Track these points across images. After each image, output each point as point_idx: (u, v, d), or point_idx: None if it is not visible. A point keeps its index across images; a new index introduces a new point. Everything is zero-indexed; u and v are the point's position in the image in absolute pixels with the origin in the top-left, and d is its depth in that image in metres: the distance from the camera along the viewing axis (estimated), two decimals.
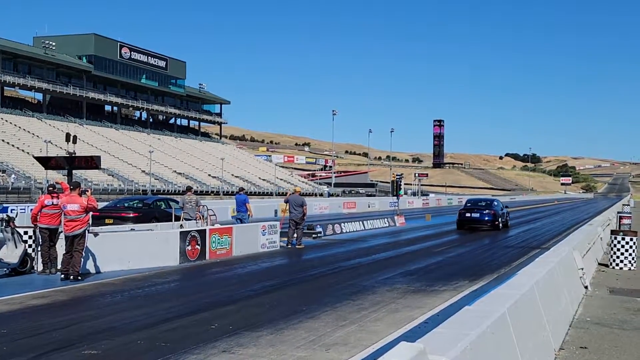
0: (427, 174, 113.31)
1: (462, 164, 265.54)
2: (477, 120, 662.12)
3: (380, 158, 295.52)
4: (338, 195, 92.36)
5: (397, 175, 35.40)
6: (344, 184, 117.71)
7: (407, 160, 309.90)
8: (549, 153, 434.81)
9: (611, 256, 14.68)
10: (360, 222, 27.34)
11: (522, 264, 13.65)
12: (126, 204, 22.36)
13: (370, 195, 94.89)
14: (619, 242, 14.52)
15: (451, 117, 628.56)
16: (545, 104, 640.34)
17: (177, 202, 20.95)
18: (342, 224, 25.65)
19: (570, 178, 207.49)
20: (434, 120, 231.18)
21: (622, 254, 14.47)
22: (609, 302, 10.15)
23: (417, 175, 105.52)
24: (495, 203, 29.79)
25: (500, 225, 28.02)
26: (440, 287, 11.83)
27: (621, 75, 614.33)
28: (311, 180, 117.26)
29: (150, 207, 22.14)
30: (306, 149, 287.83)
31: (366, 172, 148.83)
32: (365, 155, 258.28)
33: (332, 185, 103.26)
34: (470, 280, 12.83)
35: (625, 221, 24.04)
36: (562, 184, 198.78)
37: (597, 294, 10.94)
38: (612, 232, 15.08)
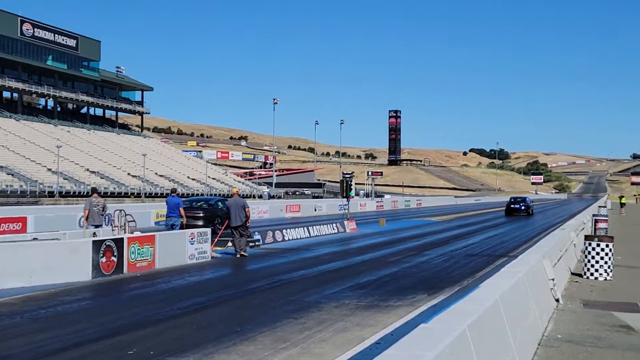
0: (381, 172, 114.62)
1: (421, 161, 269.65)
2: (438, 112, 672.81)
3: (328, 154, 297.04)
4: (280, 197, 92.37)
5: (347, 173, 35.62)
6: (286, 183, 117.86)
7: (359, 157, 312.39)
8: (518, 148, 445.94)
9: (585, 265, 15.14)
10: (305, 229, 27.40)
11: (487, 274, 13.96)
12: (194, 204, 27.49)
13: (317, 197, 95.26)
14: (593, 248, 14.99)
15: (409, 108, 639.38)
16: (514, 95, 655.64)
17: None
18: (284, 231, 25.65)
19: (542, 176, 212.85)
20: (390, 111, 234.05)
21: (597, 262, 14.95)
22: (583, 317, 10.48)
23: (370, 173, 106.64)
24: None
25: None
26: (395, 302, 11.97)
27: (596, 67, 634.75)
28: (249, 179, 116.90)
29: (213, 207, 27.52)
30: (243, 143, 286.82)
31: (312, 170, 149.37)
32: (312, 150, 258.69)
33: (273, 185, 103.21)
34: (428, 293, 13.03)
35: (601, 225, 24.85)
36: (533, 183, 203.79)
37: (570, 307, 11.28)
38: (587, 237, 15.55)
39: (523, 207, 52.46)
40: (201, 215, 26.72)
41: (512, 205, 52.92)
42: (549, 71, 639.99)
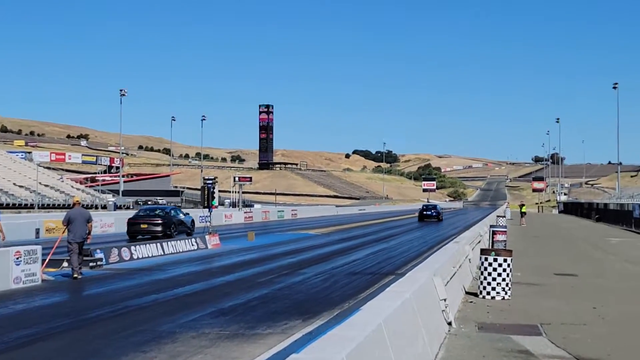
0: (250, 178, 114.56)
1: (297, 165, 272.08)
2: (317, 108, 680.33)
3: (187, 156, 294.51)
4: (129, 208, 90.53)
5: (209, 179, 35.32)
6: (137, 191, 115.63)
7: (224, 159, 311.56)
8: (408, 150, 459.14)
9: (481, 282, 15.74)
10: (159, 245, 27.02)
11: (371, 295, 14.24)
12: (150, 213, 36.57)
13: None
14: (490, 264, 15.60)
15: (284, 103, 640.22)
16: (404, 91, 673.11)
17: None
18: (133, 248, 25.21)
19: (435, 182, 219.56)
20: (260, 106, 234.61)
21: (494, 279, 15.57)
22: (477, 342, 10.88)
23: (237, 179, 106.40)
24: None
25: None
26: (264, 330, 12.03)
27: (492, 66, 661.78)
28: (90, 186, 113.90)
29: (169, 214, 36.08)
30: (83, 143, 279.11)
31: (168, 176, 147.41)
32: (167, 152, 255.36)
33: (121, 193, 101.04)
34: (303, 319, 13.17)
35: (499, 237, 25.92)
36: (425, 190, 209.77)
37: (463, 331, 11.69)
38: (483, 251, 16.17)
39: (434, 214, 67.38)
40: (159, 222, 35.30)
41: (425, 212, 68.13)
42: (441, 67, 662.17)
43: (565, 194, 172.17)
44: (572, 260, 25.86)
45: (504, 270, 15.56)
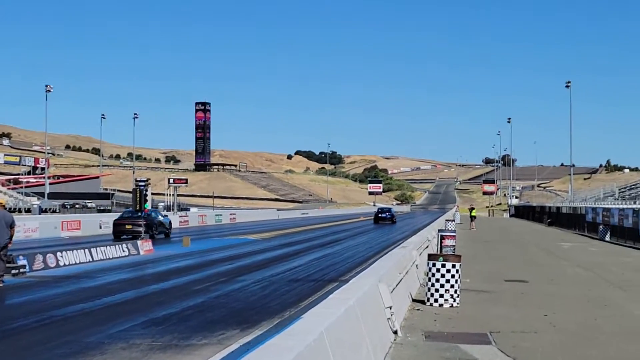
0: (186, 180, 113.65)
1: (236, 166, 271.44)
2: (257, 106, 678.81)
3: (119, 157, 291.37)
4: (55, 211, 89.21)
5: (141, 180, 35.06)
6: (64, 194, 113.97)
7: (158, 160, 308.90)
8: (353, 151, 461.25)
9: (429, 289, 15.90)
10: (87, 251, 26.67)
11: (313, 303, 14.29)
12: (134, 215, 42.10)
13: (103, 211, 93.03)
14: (438, 270, 15.77)
15: (222, 101, 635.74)
16: (349, 89, 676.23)
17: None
18: (59, 254, 24.87)
19: (381, 185, 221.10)
20: (197, 104, 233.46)
21: (442, 285, 15.74)
22: (424, 352, 10.99)
23: (172, 181, 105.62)
24: None
25: None
26: (199, 341, 12.01)
27: (443, 62, 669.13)
28: (13, 188, 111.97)
29: (151, 216, 41.76)
30: (5, 142, 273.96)
31: (97, 177, 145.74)
32: (97, 152, 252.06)
33: (46, 196, 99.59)
34: (241, 328, 13.19)
35: (447, 242, 26.21)
36: (371, 193, 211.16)
37: (410, 340, 11.79)
38: (430, 256, 16.34)
39: (389, 216, 76.37)
40: (142, 223, 40.29)
41: (380, 215, 77.07)
42: (389, 64, 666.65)
43: (516, 197, 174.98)
44: (523, 266, 26.26)
45: (453, 276, 15.73)
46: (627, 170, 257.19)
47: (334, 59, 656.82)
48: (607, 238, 43.42)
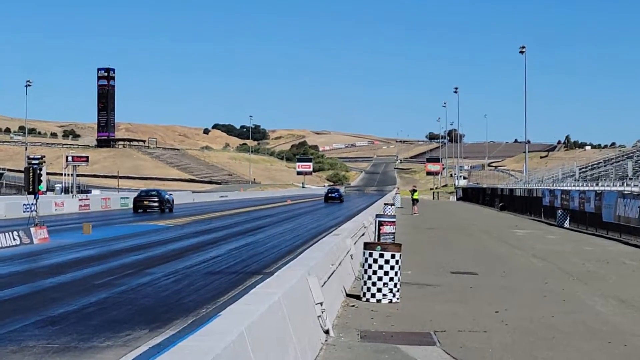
0: (87, 158, 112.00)
1: (145, 142, 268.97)
2: (168, 74, 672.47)
3: (9, 130, 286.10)
4: None
5: (34, 158, 34.45)
6: None
7: (54, 135, 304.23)
8: (279, 125, 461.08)
9: (365, 283, 15.97)
10: None
11: (233, 299, 14.27)
12: (150, 193, 63.69)
13: None
14: (375, 260, 15.82)
15: (128, 66, 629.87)
16: (274, 54, 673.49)
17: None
18: None
19: (311, 164, 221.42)
20: (99, 70, 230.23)
21: (380, 278, 15.81)
22: (360, 353, 11.05)
23: (70, 159, 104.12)
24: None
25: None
26: (101, 342, 11.95)
27: (380, 22, 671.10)
28: None
29: (161, 195, 61.84)
30: None
31: None
32: None
33: None
34: (150, 328, 13.16)
35: (386, 229, 26.34)
36: (299, 173, 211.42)
37: (343, 341, 11.85)
38: (367, 245, 16.40)
39: (337, 195, 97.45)
40: (156, 200, 60.90)
41: (330, 194, 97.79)
42: (319, 26, 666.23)
43: (464, 178, 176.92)
44: (472, 256, 26.57)
45: (392, 268, 15.81)
46: (588, 148, 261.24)
47: (256, 16, 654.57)
48: (567, 224, 44.22)
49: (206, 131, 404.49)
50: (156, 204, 61.15)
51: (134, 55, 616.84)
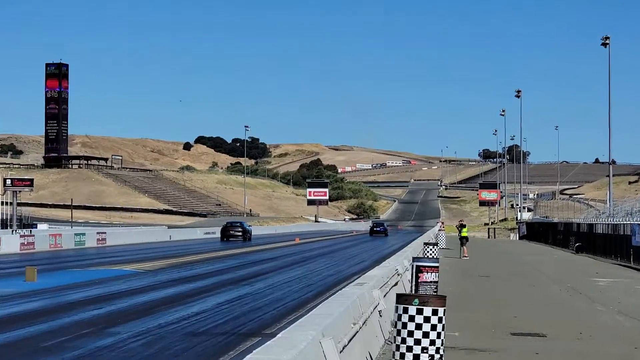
0: (31, 181, 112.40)
1: (106, 161, 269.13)
2: (137, 72, 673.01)
3: None
4: None
5: None
6: None
7: None
8: (284, 139, 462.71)
9: (397, 348, 15.93)
10: None
11: None
12: (234, 224, 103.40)
13: None
14: (411, 318, 15.75)
15: (84, 63, 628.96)
16: (274, 45, 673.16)
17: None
18: None
19: (327, 190, 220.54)
20: (47, 66, 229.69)
21: (417, 342, 15.75)
22: None
23: (9, 182, 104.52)
24: None
25: None
26: None
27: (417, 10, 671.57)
28: None
29: (243, 226, 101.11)
30: None
31: None
32: None
33: None
34: None
35: (427, 276, 26.29)
36: (311, 203, 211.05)
37: None
38: (400, 298, 16.37)
39: (382, 229, 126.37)
40: (240, 230, 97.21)
41: (375, 228, 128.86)
42: (336, 20, 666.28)
43: (529, 210, 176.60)
44: (538, 313, 26.49)
45: (434, 327, 15.76)
46: None
47: (251, 11, 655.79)
48: None
49: (187, 146, 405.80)
50: (240, 233, 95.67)
51: (93, 50, 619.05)
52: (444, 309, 16.06)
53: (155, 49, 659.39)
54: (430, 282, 26.17)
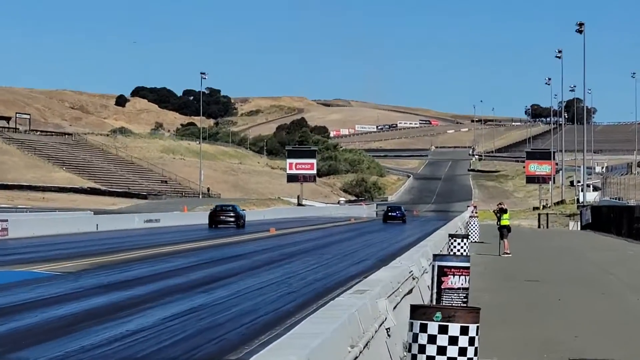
0: None
1: (8, 121, 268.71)
2: (54, 6, 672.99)
3: None
4: None
5: None
6: None
7: None
8: (255, 91, 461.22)
9: None
10: None
11: None
12: (224, 208, 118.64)
13: None
14: (432, 339, 15.82)
15: None
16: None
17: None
18: None
19: (314, 161, 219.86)
20: None
21: None
22: None
23: None
24: None
25: None
26: None
27: None
28: None
29: (236, 210, 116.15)
30: None
31: None
32: None
33: None
34: None
35: (453, 281, 26.34)
36: (292, 178, 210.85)
37: None
38: (416, 311, 16.41)
39: (399, 214, 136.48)
40: (232, 215, 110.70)
41: (390, 213, 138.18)
42: None
43: (596, 189, 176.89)
44: (608, 332, 26.61)
45: (463, 352, 15.82)
46: None
47: None
48: None
49: (121, 101, 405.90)
50: (233, 219, 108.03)
51: None
52: (477, 326, 16.04)
53: None
54: (458, 288, 26.27)
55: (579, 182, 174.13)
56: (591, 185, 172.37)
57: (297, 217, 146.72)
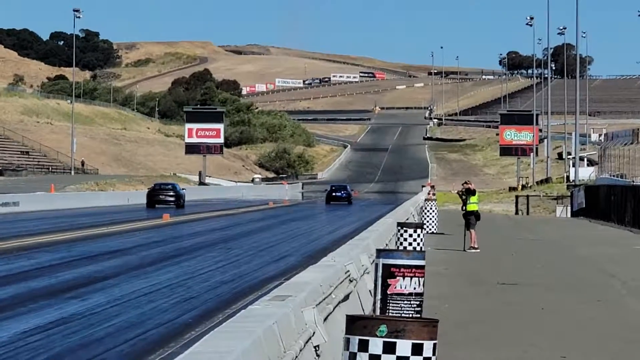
0: None
1: None
2: None
3: None
4: None
5: None
6: None
7: None
8: (144, 35, 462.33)
9: None
10: None
11: None
12: (163, 187, 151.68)
13: None
14: (375, 358, 15.94)
15: None
16: None
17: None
18: None
19: (221, 127, 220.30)
20: None
21: None
22: None
23: None
24: None
25: None
26: None
27: None
28: None
29: (176, 189, 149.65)
30: None
31: None
32: None
33: None
34: None
35: (402, 283, 26.55)
36: (192, 149, 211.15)
37: None
38: (354, 324, 16.48)
39: (344, 195, 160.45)
40: (172, 194, 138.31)
41: (334, 194, 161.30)
42: None
43: (591, 163, 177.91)
44: (606, 351, 26.82)
45: None
46: None
47: None
48: None
49: None
50: (173, 199, 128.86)
51: None
52: (434, 344, 16.07)
53: None
54: (409, 294, 26.36)
55: (569, 154, 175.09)
56: (585, 159, 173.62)
57: (198, 199, 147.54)
